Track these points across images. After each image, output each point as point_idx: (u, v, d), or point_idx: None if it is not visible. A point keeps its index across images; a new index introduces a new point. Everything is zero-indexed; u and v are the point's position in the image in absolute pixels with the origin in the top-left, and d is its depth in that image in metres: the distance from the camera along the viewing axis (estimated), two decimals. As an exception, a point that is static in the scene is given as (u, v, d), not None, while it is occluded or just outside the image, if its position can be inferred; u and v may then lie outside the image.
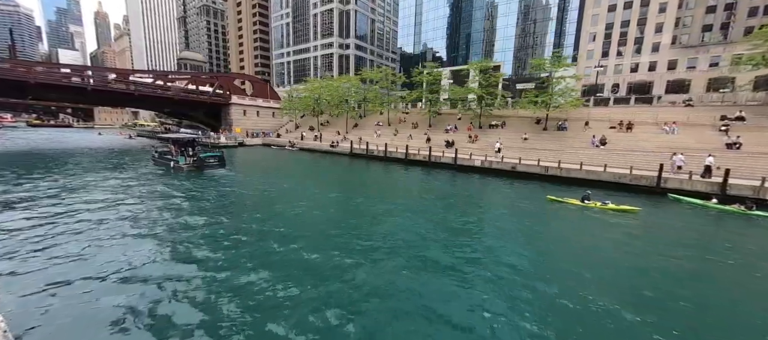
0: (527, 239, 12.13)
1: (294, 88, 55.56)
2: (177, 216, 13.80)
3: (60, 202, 15.35)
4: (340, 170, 29.26)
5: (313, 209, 15.44)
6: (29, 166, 26.36)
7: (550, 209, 16.43)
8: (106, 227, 12.05)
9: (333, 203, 16.91)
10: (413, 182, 23.54)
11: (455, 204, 17.40)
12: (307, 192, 18.85)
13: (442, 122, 38.94)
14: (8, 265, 8.83)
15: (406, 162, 31.19)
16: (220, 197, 17.36)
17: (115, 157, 34.33)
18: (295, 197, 17.60)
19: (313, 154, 39.90)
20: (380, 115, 47.44)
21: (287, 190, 19.62)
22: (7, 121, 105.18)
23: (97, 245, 10.40)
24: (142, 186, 19.80)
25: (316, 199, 17.50)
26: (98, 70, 40.21)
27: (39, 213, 13.48)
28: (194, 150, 29.39)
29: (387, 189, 21.70)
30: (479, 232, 13.04)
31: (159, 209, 14.78)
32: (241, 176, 24.16)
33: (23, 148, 38.84)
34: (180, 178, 22.69)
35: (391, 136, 40.36)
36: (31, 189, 17.83)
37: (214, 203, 16.04)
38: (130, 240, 10.91)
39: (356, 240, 11.34)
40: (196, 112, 50.36)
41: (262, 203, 16.65)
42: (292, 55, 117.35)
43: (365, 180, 24.94)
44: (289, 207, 15.49)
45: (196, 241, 10.94)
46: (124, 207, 14.92)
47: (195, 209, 14.89)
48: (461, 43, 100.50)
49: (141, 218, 13.47)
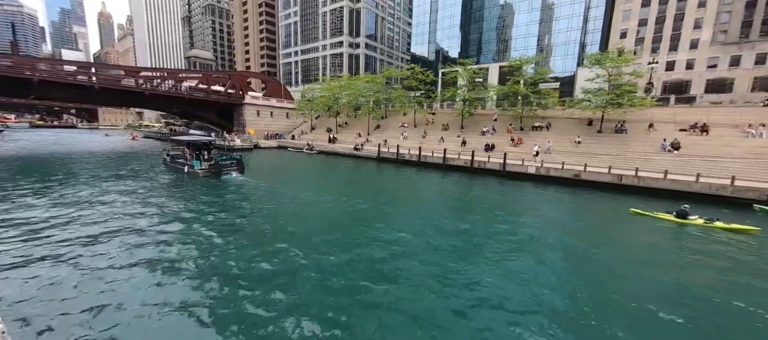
0: (632, 265, 9.90)
1: (310, 88, 52.86)
2: (192, 227, 12.36)
3: (67, 208, 14.10)
4: (368, 176, 26.55)
5: (347, 226, 13.06)
6: (37, 171, 24.01)
7: (638, 226, 13.73)
8: (113, 236, 11.04)
9: (369, 217, 14.30)
10: (457, 192, 20.69)
11: (520, 219, 14.67)
12: (337, 203, 16.49)
13: (476, 124, 36.13)
14: (12, 269, 8.45)
15: (443, 167, 28.37)
16: (240, 208, 15.52)
17: (123, 160, 31.88)
18: (323, 210, 15.39)
19: (335, 158, 37.13)
20: (404, 116, 44.66)
21: (314, 201, 17.20)
22: (11, 122, 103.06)
23: (104, 254, 9.59)
24: (153, 193, 18.05)
25: (348, 212, 15.12)
26: (105, 67, 37.67)
27: (45, 219, 12.53)
28: (210, 154, 26.89)
29: (428, 199, 18.78)
30: (570, 256, 10.54)
31: (172, 219, 13.21)
32: (260, 183, 21.68)
33: (30, 152, 36.38)
34: (195, 184, 20.62)
35: (418, 138, 37.56)
36: (38, 195, 16.50)
37: (233, 214, 14.20)
38: (140, 250, 9.92)
39: (407, 269, 9.04)
40: (208, 112, 47.75)
41: (288, 216, 14.43)
42: (300, 54, 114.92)
43: (399, 188, 22.18)
44: (320, 222, 13.41)
45: (214, 256, 9.67)
46: (134, 215, 13.57)
47: (212, 221, 13.19)
48: (474, 43, 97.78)
49: (152, 227, 12.16)
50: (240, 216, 13.94)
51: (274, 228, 12.43)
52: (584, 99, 27.91)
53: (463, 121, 36.27)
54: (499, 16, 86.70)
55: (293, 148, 42.86)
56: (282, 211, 15.23)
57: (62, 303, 6.97)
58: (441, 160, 28.75)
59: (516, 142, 29.67)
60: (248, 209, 15.43)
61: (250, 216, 14.11)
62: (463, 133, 34.78)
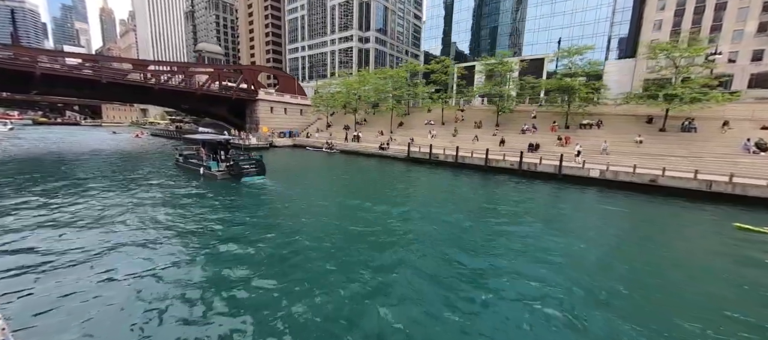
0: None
1: (327, 82, 50.13)
2: (213, 238, 11.02)
3: (74, 216, 12.88)
4: (401, 179, 24.02)
5: (402, 244, 10.91)
6: (42, 174, 21.79)
7: (756, 248, 11.08)
8: (124, 246, 10.08)
9: (424, 233, 12.08)
10: (512, 199, 18.00)
11: (607, 238, 12.14)
12: (377, 213, 14.30)
13: (512, 121, 33.38)
14: (17, 271, 8.15)
15: (485, 170, 25.74)
16: (265, 216, 13.80)
17: (131, 160, 29.57)
18: (363, 220, 13.25)
19: (358, 158, 34.51)
20: (428, 113, 41.93)
21: (348, 208, 15.21)
22: (14, 119, 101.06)
23: (113, 268, 8.65)
24: (167, 198, 16.43)
25: (395, 224, 12.96)
26: (111, 60, 35.10)
27: (50, 224, 11.79)
28: (228, 154, 24.42)
29: (483, 209, 16.00)
30: (697, 293, 8.13)
31: (190, 230, 11.75)
32: (283, 186, 19.55)
33: (33, 153, 34.06)
34: (212, 187, 18.87)
35: (448, 137, 34.90)
36: (43, 200, 15.13)
37: (258, 223, 12.60)
38: (150, 263, 8.96)
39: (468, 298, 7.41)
40: (219, 109, 45.17)
41: (323, 228, 12.45)
42: (307, 49, 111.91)
43: (440, 194, 19.55)
44: (364, 238, 11.32)
45: (237, 275, 8.40)
46: (146, 223, 12.26)
47: (237, 231, 11.71)
48: (487, 38, 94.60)
49: (167, 239, 10.77)
50: (268, 227, 12.15)
51: (311, 243, 10.66)
52: (646, 94, 25.07)
53: (498, 119, 33.51)
54: (514, 9, 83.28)
55: (312, 147, 40.28)
56: (315, 222, 13.18)
57: (69, 309, 6.65)
58: (482, 162, 26.11)
59: (564, 141, 26.95)
60: (277, 218, 13.52)
61: (280, 227, 12.18)
62: (499, 132, 32.06)
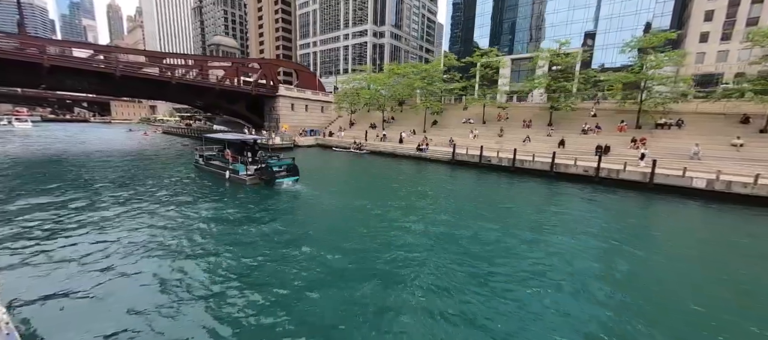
0: None
1: (352, 77, 47.00)
2: (253, 257, 9.18)
3: (83, 230, 11.17)
4: (450, 186, 20.96)
5: (499, 282, 8.14)
6: (52, 177, 19.24)
7: None
8: (145, 255, 8.81)
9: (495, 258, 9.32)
10: (609, 215, 14.66)
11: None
12: (441, 231, 11.62)
13: (566, 120, 29.97)
14: (30, 275, 7.76)
15: (549, 176, 22.47)
16: (313, 232, 11.29)
17: (145, 162, 26.96)
18: (427, 238, 10.87)
19: (391, 160, 31.30)
20: (464, 111, 38.64)
21: (401, 221, 12.53)
22: (23, 115, 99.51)
23: (131, 272, 7.77)
24: (192, 206, 14.13)
25: (472, 248, 10.28)
26: (125, 52, 32.29)
27: (64, 232, 10.76)
28: (256, 156, 21.46)
29: (577, 228, 12.84)
30: None
31: (221, 244, 10.02)
32: (319, 193, 16.94)
33: (41, 154, 31.58)
34: (240, 195, 16.47)
35: (493, 137, 31.62)
36: (52, 207, 13.59)
37: (305, 240, 10.32)
38: (180, 286, 7.36)
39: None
40: (237, 105, 42.32)
41: (382, 244, 10.15)
42: (319, 44, 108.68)
43: (506, 205, 16.37)
44: (429, 265, 8.89)
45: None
46: (172, 233, 10.81)
47: (281, 252, 9.51)
48: (507, 33, 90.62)
49: (196, 251, 9.35)
50: (320, 247, 9.84)
51: (371, 267, 8.65)
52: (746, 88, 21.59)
53: (551, 118, 30.13)
54: (538, 2, 78.98)
55: (339, 147, 37.22)
56: (371, 237, 10.78)
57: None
58: (546, 167, 22.82)
59: (638, 143, 23.55)
60: (328, 235, 11.06)
61: (337, 248, 9.83)
62: (555, 132, 28.71)
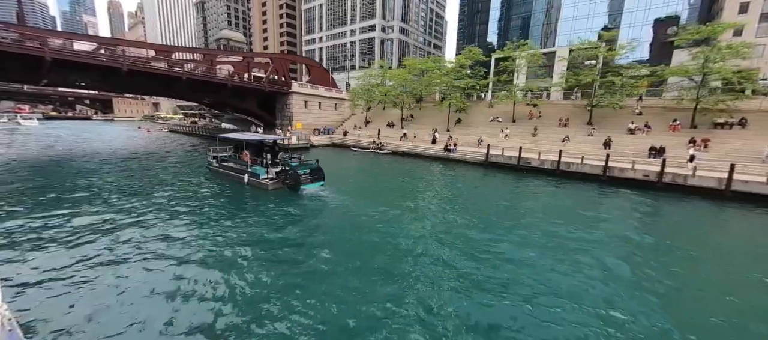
0: None
1: (369, 72, 44.84)
2: (275, 281, 7.63)
3: (91, 231, 10.37)
4: (493, 192, 18.95)
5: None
6: (52, 182, 17.27)
7: None
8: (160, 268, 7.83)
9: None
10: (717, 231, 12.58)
11: None
12: (497, 246, 10.11)
13: (607, 118, 27.79)
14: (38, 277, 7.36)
15: (601, 180, 20.37)
16: (346, 249, 9.67)
17: (154, 163, 25.09)
18: (488, 262, 9.04)
19: (415, 161, 29.19)
20: (490, 109, 36.48)
21: (452, 242, 10.51)
22: (24, 113, 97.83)
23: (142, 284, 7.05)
24: (211, 214, 12.77)
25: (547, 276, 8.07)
26: (131, 45, 30.26)
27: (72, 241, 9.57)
28: (276, 157, 19.49)
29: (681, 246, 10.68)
30: None
31: (247, 259, 8.69)
32: (345, 199, 15.25)
33: (43, 154, 29.68)
34: (262, 201, 14.79)
35: (526, 136, 29.52)
36: (59, 211, 12.70)
37: (340, 262, 8.75)
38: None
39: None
40: (248, 102, 40.29)
41: (432, 280, 8.18)
42: (325, 40, 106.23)
43: (553, 213, 14.10)
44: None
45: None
46: (192, 245, 9.44)
47: (310, 279, 7.85)
48: (517, 29, 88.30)
49: (220, 267, 8.01)
50: (363, 271, 8.28)
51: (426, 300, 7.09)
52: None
53: (591, 116, 27.96)
54: (554, -4, 76.22)
55: (357, 147, 35.14)
56: (416, 261, 9.03)
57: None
58: (598, 170, 20.69)
59: (700, 144, 21.40)
60: (367, 255, 9.31)
61: (379, 269, 8.39)
62: (596, 131, 26.56)
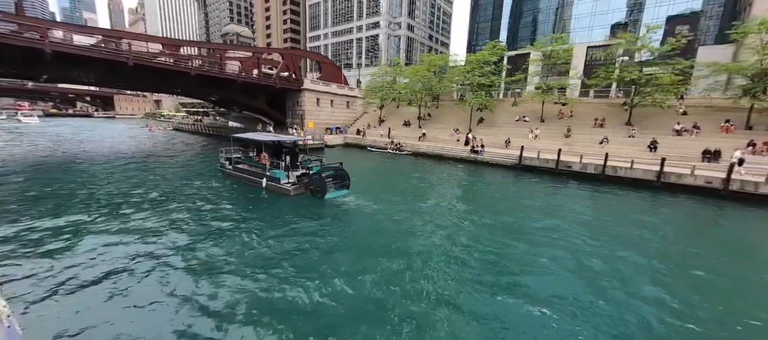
0: None
1: (384, 69, 42.95)
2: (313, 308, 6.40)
3: (95, 238, 9.39)
4: (535, 199, 17.11)
5: None
6: (59, 181, 15.90)
7: None
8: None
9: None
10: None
11: None
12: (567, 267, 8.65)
13: (648, 118, 25.89)
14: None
15: (654, 187, 18.56)
16: (385, 265, 8.28)
17: (159, 165, 23.26)
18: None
19: (438, 163, 27.33)
20: (514, 107, 34.62)
21: (504, 264, 9.18)
22: (25, 110, 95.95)
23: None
24: (219, 221, 11.55)
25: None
26: (137, 38, 28.44)
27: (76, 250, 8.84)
28: (296, 160, 17.77)
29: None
30: None
31: (275, 279, 7.29)
32: (371, 204, 13.87)
33: (41, 156, 27.95)
34: (285, 209, 13.23)
35: (558, 137, 27.68)
36: (66, 218, 11.63)
37: (380, 282, 7.43)
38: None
39: None
40: (257, 99, 38.44)
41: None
42: (331, 36, 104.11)
43: (616, 227, 12.39)
44: None
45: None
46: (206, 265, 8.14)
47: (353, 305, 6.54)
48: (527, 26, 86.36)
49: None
50: (408, 295, 7.09)
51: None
52: None
53: (630, 116, 26.08)
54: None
55: (375, 147, 33.31)
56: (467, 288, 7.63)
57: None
58: (651, 176, 18.86)
59: (762, 147, 19.55)
60: (411, 276, 7.94)
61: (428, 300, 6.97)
62: (637, 132, 24.70)
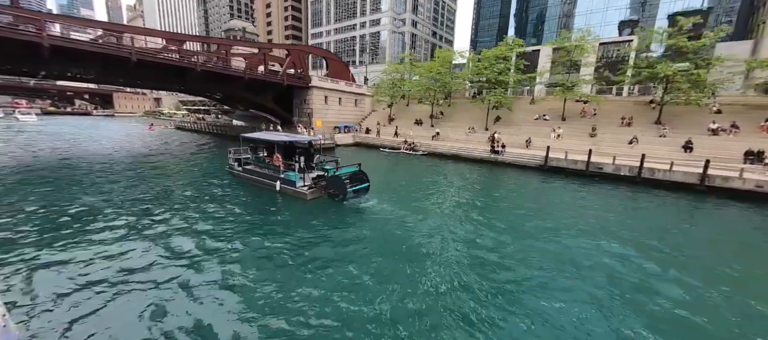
0: None
1: (394, 66, 41.56)
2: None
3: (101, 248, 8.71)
4: (557, 200, 16.03)
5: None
6: (61, 183, 14.72)
7: None
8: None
9: None
10: None
11: None
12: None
13: (678, 117, 24.64)
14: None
15: (698, 191, 17.35)
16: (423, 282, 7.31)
17: (163, 166, 22.09)
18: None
19: (456, 164, 26.07)
20: (531, 106, 33.34)
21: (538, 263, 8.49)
22: (22, 108, 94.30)
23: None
24: (233, 230, 10.55)
25: None
26: (139, 32, 27.09)
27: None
28: (313, 161, 16.62)
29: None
30: None
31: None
32: (393, 209, 12.92)
33: (38, 158, 26.69)
34: (303, 214, 12.42)
35: (582, 136, 26.46)
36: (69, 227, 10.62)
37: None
38: None
39: None
40: (263, 97, 37.05)
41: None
42: (333, 33, 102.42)
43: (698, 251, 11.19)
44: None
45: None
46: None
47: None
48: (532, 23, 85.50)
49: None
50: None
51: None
52: None
53: (660, 115, 24.83)
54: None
55: (387, 147, 32.04)
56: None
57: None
58: (693, 179, 17.66)
59: (809, 148, 18.34)
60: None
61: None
62: (670, 132, 23.46)
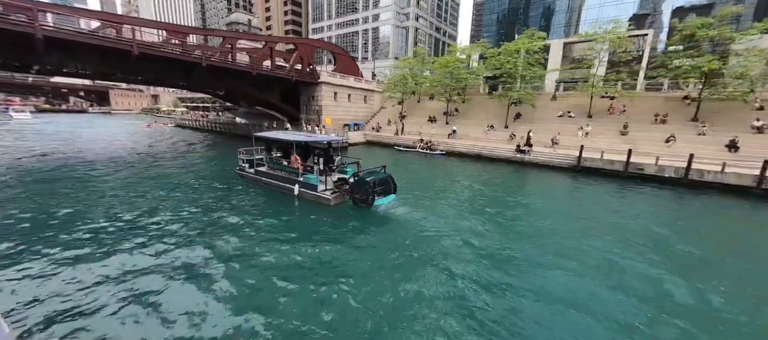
0: None
1: (406, 61, 39.88)
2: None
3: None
4: (600, 205, 14.63)
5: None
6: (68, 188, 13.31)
7: None
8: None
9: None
10: None
11: None
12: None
13: (715, 114, 23.25)
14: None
15: (756, 194, 15.98)
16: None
17: (166, 167, 20.35)
18: None
19: (479, 164, 24.58)
20: (552, 101, 31.82)
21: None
22: (16, 105, 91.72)
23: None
24: (249, 241, 9.29)
25: None
26: (141, 24, 25.25)
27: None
28: (333, 163, 15.20)
29: None
30: None
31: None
32: (424, 215, 11.83)
33: (34, 161, 24.95)
34: (326, 220, 11.17)
35: (613, 135, 25.03)
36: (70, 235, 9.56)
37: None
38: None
39: None
40: (270, 93, 35.33)
41: None
42: (335, 28, 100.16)
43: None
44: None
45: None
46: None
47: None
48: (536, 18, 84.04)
49: None
50: None
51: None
52: None
53: (697, 111, 23.41)
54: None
55: (402, 146, 30.50)
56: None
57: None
58: (748, 182, 16.30)
59: None
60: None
61: None
62: (710, 130, 22.07)
